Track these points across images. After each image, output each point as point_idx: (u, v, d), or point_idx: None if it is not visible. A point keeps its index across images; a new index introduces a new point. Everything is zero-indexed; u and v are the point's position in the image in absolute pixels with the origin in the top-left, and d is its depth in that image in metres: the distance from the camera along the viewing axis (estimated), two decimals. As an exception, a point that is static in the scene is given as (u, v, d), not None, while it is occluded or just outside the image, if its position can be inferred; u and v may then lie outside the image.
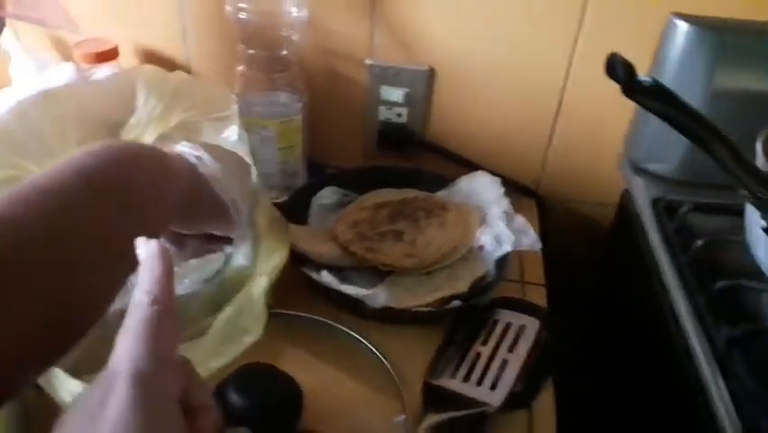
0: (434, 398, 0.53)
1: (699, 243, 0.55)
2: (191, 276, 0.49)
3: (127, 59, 0.78)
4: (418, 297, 0.60)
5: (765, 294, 0.50)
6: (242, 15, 0.66)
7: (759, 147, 0.49)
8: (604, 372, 0.74)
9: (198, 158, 0.43)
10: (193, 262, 0.48)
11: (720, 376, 0.45)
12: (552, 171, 0.80)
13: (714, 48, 0.61)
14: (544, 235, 0.80)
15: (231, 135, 0.52)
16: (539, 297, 0.67)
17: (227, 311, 0.46)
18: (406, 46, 0.74)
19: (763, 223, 0.48)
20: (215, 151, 0.44)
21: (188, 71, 0.79)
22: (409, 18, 0.72)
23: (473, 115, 0.77)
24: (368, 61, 0.75)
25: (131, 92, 0.53)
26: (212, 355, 0.45)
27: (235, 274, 0.49)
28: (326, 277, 0.58)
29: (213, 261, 0.50)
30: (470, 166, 0.77)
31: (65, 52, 0.80)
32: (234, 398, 0.46)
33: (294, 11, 0.69)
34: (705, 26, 0.61)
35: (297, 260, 0.61)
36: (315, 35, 0.74)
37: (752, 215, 0.50)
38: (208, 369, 0.45)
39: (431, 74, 0.75)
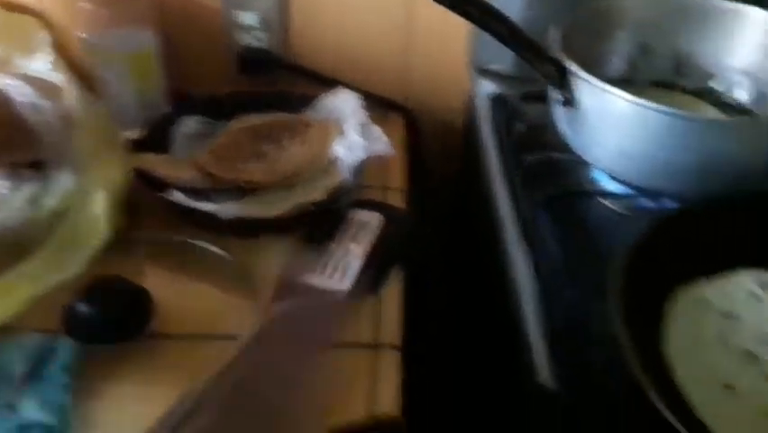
0: (287, 292, 0.57)
1: (521, 127, 0.60)
2: (17, 203, 0.50)
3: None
4: (277, 209, 0.64)
5: (571, 163, 0.55)
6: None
7: (555, 38, 0.53)
8: (457, 271, 0.80)
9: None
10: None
11: (524, 241, 0.51)
12: (415, 84, 0.83)
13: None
14: (413, 147, 0.85)
15: (41, 64, 0.53)
16: (399, 201, 0.71)
17: (60, 229, 0.48)
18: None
19: (560, 97, 0.52)
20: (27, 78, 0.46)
21: (40, 12, 0.78)
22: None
23: (332, 35, 0.80)
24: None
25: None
26: (52, 268, 0.47)
27: (66, 197, 0.51)
28: (178, 196, 0.60)
29: (29, 189, 0.52)
30: (335, 85, 0.80)
31: None
32: (82, 307, 0.49)
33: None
34: None
35: (156, 186, 0.63)
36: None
37: (552, 92, 0.54)
38: (52, 282, 0.47)
39: (283, -4, 0.76)
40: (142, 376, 0.51)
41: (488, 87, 0.71)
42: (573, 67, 0.50)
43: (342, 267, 0.59)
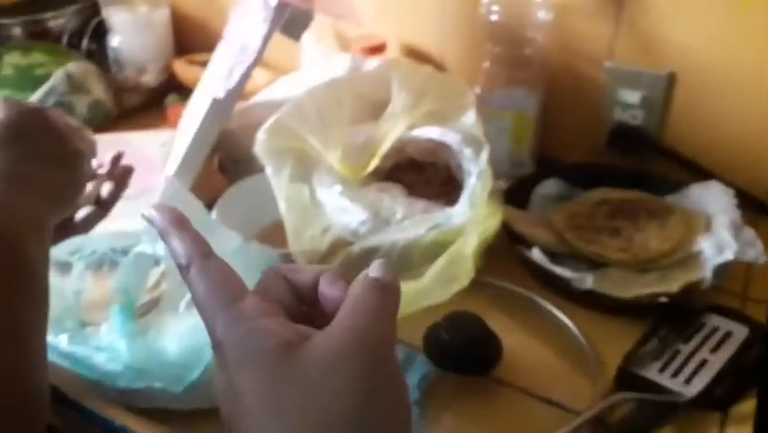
0: (627, 382, 0.56)
1: None
2: (414, 228, 0.58)
3: (393, 53, 0.92)
4: (627, 290, 0.63)
5: None
6: (493, 17, 0.75)
7: None
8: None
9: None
10: (418, 216, 0.58)
11: None
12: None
13: None
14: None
15: (468, 120, 0.61)
16: (759, 314, 0.64)
17: (441, 260, 0.55)
18: (647, 50, 0.76)
19: None
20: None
21: (442, 65, 0.89)
22: (654, 23, 0.74)
23: (713, 123, 0.76)
24: (607, 64, 0.78)
25: (390, 80, 0.65)
26: (425, 295, 0.54)
27: (450, 231, 0.58)
28: (537, 255, 0.64)
29: (435, 217, 0.59)
30: (704, 174, 0.76)
31: (343, 44, 0.96)
32: (444, 335, 0.55)
33: (541, 14, 0.75)
34: None
35: (512, 239, 0.68)
36: (558, 37, 0.79)
37: None
38: (420, 304, 0.54)
39: (671, 79, 0.76)
40: (478, 416, 0.54)
41: None
42: None
43: (690, 372, 0.55)
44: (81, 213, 0.57)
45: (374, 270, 0.30)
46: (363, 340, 0.27)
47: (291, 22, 0.59)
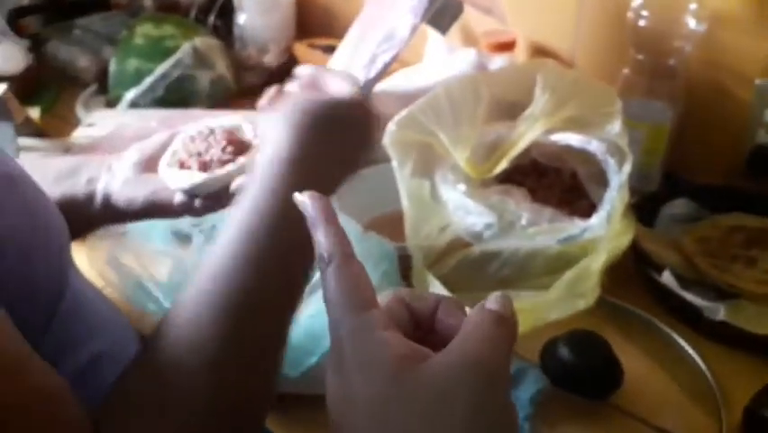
0: (754, 425, 0.52)
1: None
2: (542, 237, 0.56)
3: (519, 52, 0.89)
4: (762, 326, 0.58)
5: None
6: (642, 22, 0.71)
7: None
8: None
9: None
10: (545, 224, 0.56)
11: None
12: None
13: None
14: None
15: (613, 129, 0.58)
16: None
17: (568, 275, 0.52)
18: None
19: None
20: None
21: (570, 66, 0.86)
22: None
23: None
24: (758, 82, 0.72)
25: (530, 82, 0.62)
26: (550, 308, 0.52)
27: (579, 244, 0.55)
28: (668, 279, 0.60)
29: (566, 227, 0.56)
30: None
31: (468, 39, 0.94)
32: (564, 353, 0.53)
33: (693, 23, 0.70)
34: None
35: (638, 258, 0.64)
36: (707, 49, 0.74)
37: None
38: (543, 319, 0.52)
39: (832, 104, 0.69)
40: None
41: None
42: None
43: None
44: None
45: (493, 302, 0.30)
46: (480, 368, 0.27)
47: (441, 12, 0.58)
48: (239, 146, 0.53)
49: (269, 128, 0.47)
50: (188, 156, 0.53)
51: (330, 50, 0.92)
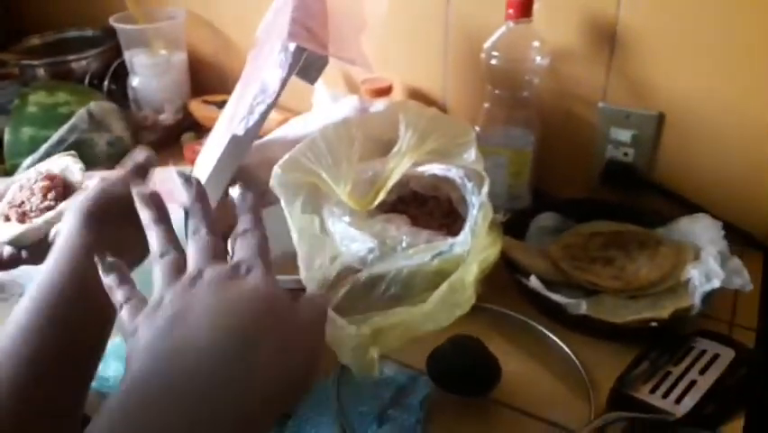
0: (619, 403, 0.59)
1: None
2: (418, 256, 0.62)
3: (397, 95, 0.97)
4: (619, 316, 0.66)
5: None
6: (494, 62, 0.80)
7: None
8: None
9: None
10: (422, 245, 0.63)
11: None
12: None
13: None
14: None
15: (469, 157, 0.66)
16: (746, 338, 0.68)
17: (443, 287, 0.58)
18: (637, 92, 0.81)
19: None
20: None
21: (444, 106, 0.95)
22: (644, 66, 0.79)
23: (701, 160, 0.81)
24: (600, 104, 0.83)
25: (397, 121, 0.69)
26: (428, 320, 0.57)
27: (452, 259, 0.62)
28: (534, 282, 0.67)
29: (438, 245, 0.63)
30: (694, 209, 0.80)
31: (351, 87, 1.02)
32: (446, 358, 0.59)
33: (538, 59, 0.80)
34: None
35: (510, 267, 0.72)
36: (554, 80, 0.84)
37: None
38: (424, 330, 0.58)
39: (660, 118, 0.81)
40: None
41: None
42: None
43: (680, 392, 0.59)
44: None
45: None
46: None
47: (307, 66, 0.64)
48: (63, 190, 0.54)
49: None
50: (10, 207, 0.54)
51: (223, 104, 0.97)
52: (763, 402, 0.63)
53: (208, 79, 1.17)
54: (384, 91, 0.92)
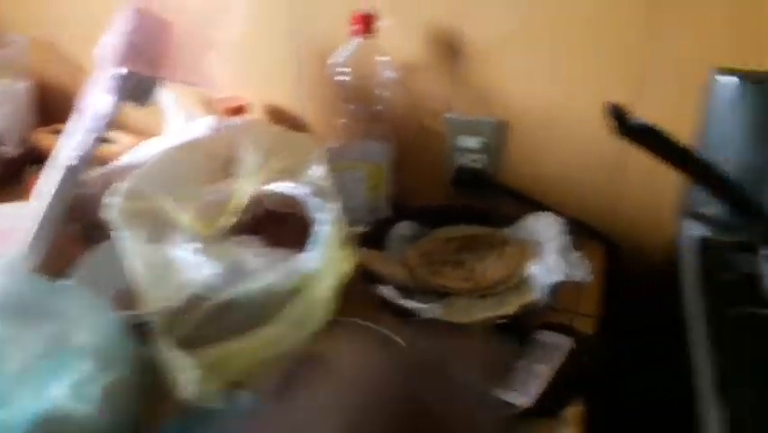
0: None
1: (728, 276, 0.60)
2: (267, 276, 0.62)
3: (255, 113, 0.97)
4: (468, 316, 0.69)
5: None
6: (343, 78, 0.82)
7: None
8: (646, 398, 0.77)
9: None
10: (275, 265, 0.62)
11: (721, 395, 0.50)
12: (622, 217, 0.85)
13: (756, 101, 0.66)
14: (611, 277, 0.86)
15: (316, 173, 0.66)
16: (587, 326, 0.72)
17: (295, 305, 0.58)
18: (481, 101, 0.85)
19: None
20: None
21: (303, 123, 0.95)
22: (485, 77, 0.83)
23: (545, 162, 0.86)
24: (447, 115, 0.87)
25: (243, 141, 0.69)
26: (280, 340, 0.57)
27: (305, 277, 0.62)
28: (387, 291, 0.69)
29: (287, 265, 0.63)
30: (542, 208, 0.85)
31: (207, 107, 1.00)
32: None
33: (386, 73, 0.83)
34: (746, 80, 0.66)
35: (369, 279, 0.73)
36: (404, 93, 0.87)
37: (764, 250, 0.54)
38: (277, 351, 0.57)
39: (504, 125, 0.85)
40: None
41: (696, 230, 0.71)
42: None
43: (524, 384, 0.62)
44: None
45: None
46: None
47: (136, 89, 0.63)
48: None
49: None
50: None
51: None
52: (602, 386, 0.68)
53: (60, 107, 1.11)
54: (239, 110, 0.91)
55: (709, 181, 0.49)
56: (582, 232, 0.85)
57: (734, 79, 0.67)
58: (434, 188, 0.91)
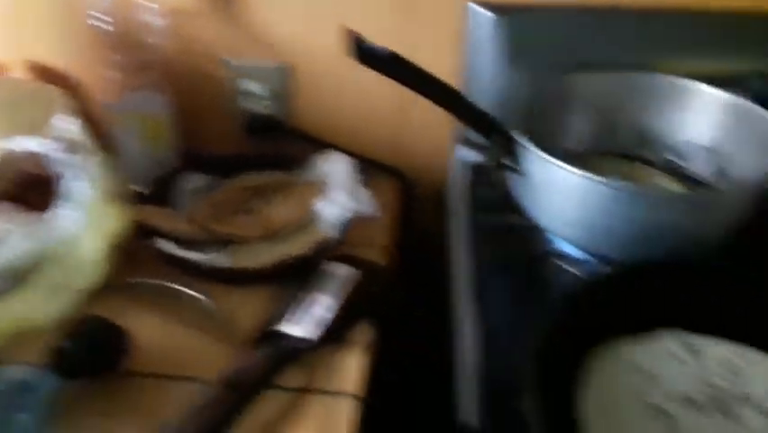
0: (264, 342, 0.61)
1: (487, 192, 0.64)
2: (23, 238, 0.57)
3: (18, 72, 0.87)
4: (258, 260, 0.69)
5: (528, 228, 0.59)
6: (108, 27, 0.75)
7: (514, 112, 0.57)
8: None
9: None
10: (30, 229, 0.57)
11: (476, 299, 0.54)
12: (408, 151, 0.89)
13: (511, 33, 0.70)
14: (404, 209, 0.90)
15: (63, 125, 0.61)
16: (381, 258, 0.75)
17: (49, 271, 0.54)
18: (263, 45, 0.83)
19: (512, 167, 0.56)
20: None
21: (72, 79, 0.87)
22: (263, 18, 0.81)
23: (334, 104, 0.86)
24: (227, 59, 0.84)
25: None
26: (37, 308, 0.53)
27: (61, 240, 0.57)
28: (165, 244, 0.66)
29: (39, 228, 0.58)
30: (330, 148, 0.85)
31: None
32: (63, 343, 0.54)
33: (154, 19, 0.77)
34: (500, 11, 0.70)
35: (150, 236, 0.69)
36: (179, 40, 0.82)
37: (505, 161, 0.58)
38: (34, 321, 0.53)
39: (289, 69, 0.84)
40: (115, 411, 0.55)
41: (468, 155, 0.76)
42: (521, 138, 0.55)
43: (312, 317, 0.63)
44: None
45: None
46: None
47: None
48: None
49: None
50: None
51: None
52: (394, 313, 0.71)
53: None
54: (-6, 70, 0.81)
55: (452, 104, 0.52)
56: (373, 169, 0.87)
57: (487, 12, 0.71)
58: (225, 137, 0.88)
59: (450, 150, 0.85)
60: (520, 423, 0.42)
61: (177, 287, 0.66)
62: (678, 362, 0.45)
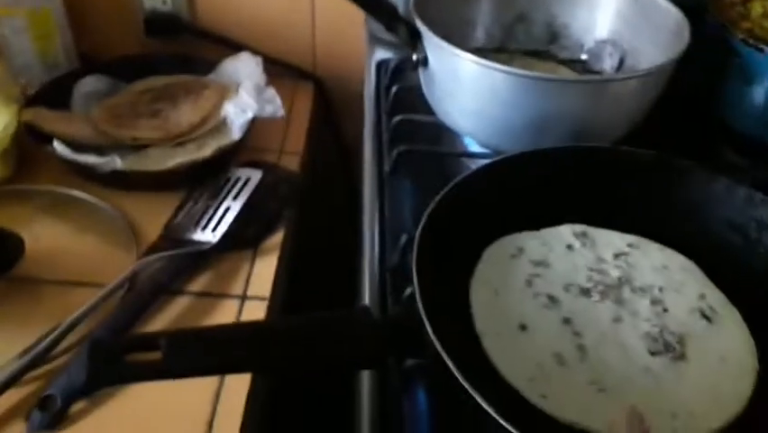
0: (164, 246, 0.59)
1: (396, 89, 0.63)
2: None
3: None
4: (163, 164, 0.66)
5: (433, 123, 0.58)
6: None
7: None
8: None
9: None
10: None
11: (378, 195, 0.53)
12: (322, 53, 0.85)
13: None
14: (324, 114, 0.87)
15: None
16: (294, 164, 0.73)
17: None
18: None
19: (416, 58, 0.54)
20: None
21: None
22: None
23: (238, 3, 0.81)
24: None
25: None
26: None
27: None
28: (59, 148, 0.62)
29: None
30: (239, 49, 0.81)
31: None
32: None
33: None
34: None
35: (44, 141, 0.65)
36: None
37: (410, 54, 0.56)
38: None
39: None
40: (8, 315, 0.53)
41: (380, 54, 0.74)
42: (423, 28, 0.52)
43: (215, 221, 0.61)
44: None
45: None
46: None
47: None
48: None
49: None
50: None
51: None
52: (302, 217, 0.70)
53: None
54: None
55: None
56: (289, 73, 0.84)
57: None
58: (127, 38, 0.82)
59: (366, 51, 0.82)
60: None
61: (74, 192, 0.63)
62: (571, 251, 0.46)
